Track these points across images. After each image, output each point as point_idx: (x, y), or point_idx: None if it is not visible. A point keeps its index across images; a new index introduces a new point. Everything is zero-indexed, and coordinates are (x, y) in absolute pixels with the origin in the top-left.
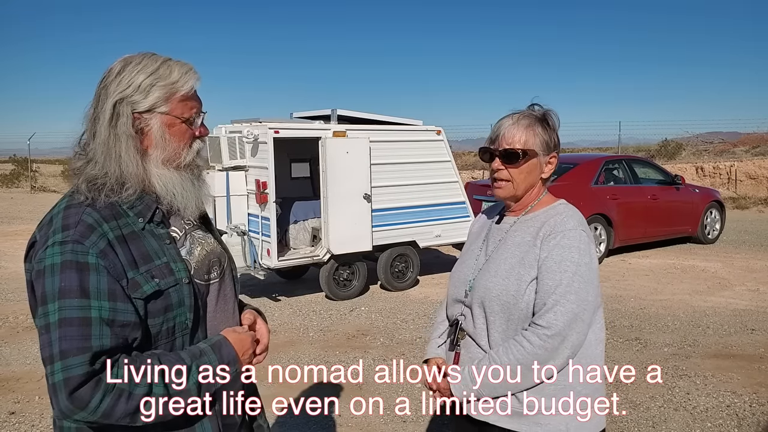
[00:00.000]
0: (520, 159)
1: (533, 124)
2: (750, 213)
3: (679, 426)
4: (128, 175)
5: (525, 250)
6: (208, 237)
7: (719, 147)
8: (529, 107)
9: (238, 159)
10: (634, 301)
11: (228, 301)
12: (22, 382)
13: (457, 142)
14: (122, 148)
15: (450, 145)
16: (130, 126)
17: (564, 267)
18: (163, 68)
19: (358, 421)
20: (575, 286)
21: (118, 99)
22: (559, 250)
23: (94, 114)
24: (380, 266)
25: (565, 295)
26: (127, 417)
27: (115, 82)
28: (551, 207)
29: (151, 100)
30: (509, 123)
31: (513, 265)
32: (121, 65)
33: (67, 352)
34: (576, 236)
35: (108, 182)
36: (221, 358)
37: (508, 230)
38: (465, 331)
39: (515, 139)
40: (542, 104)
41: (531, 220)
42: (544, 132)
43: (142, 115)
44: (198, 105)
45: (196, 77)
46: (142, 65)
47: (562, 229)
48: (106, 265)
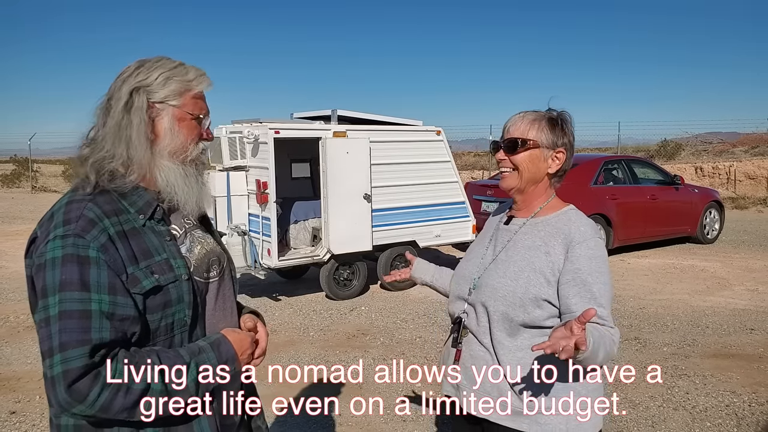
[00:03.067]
0: (519, 147)
1: (540, 118)
2: (749, 213)
3: (679, 425)
4: (135, 159)
5: (535, 254)
6: (207, 237)
7: (718, 147)
8: (546, 110)
9: (239, 159)
10: (634, 301)
11: (227, 300)
12: (23, 382)
13: (457, 142)
14: (133, 131)
15: (450, 145)
16: (143, 112)
17: (596, 278)
18: (179, 68)
19: (358, 421)
20: (608, 295)
21: (135, 87)
22: (587, 261)
23: (107, 104)
24: (380, 266)
25: (606, 306)
26: (124, 412)
27: (133, 75)
28: (562, 212)
29: (166, 92)
30: (516, 117)
31: (522, 268)
32: (139, 63)
33: (66, 345)
34: (597, 245)
35: (114, 165)
36: (220, 356)
37: (517, 231)
38: (468, 328)
39: (518, 131)
40: (557, 109)
41: (541, 224)
42: (549, 127)
43: (155, 105)
44: (207, 108)
45: (209, 82)
46: (159, 63)
47: (584, 238)
48: (107, 259)
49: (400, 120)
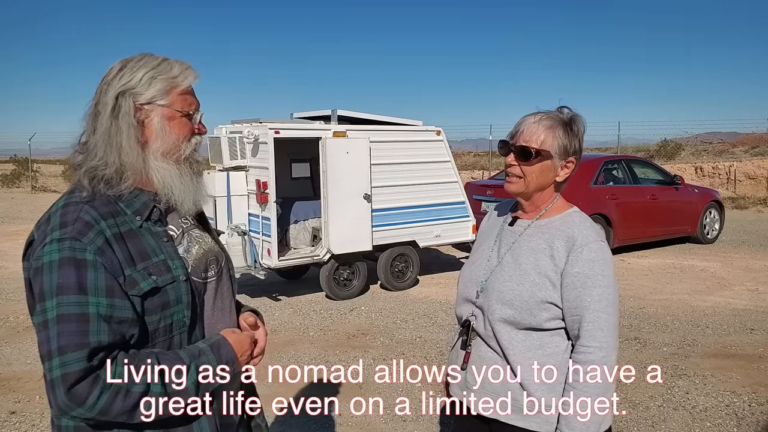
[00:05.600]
0: (533, 158)
1: (555, 126)
2: (749, 213)
3: (679, 425)
4: (128, 165)
5: (540, 257)
6: (205, 236)
7: (718, 147)
8: (557, 109)
9: (239, 159)
10: (634, 301)
11: (225, 299)
12: (22, 382)
13: (457, 142)
14: (123, 138)
15: (450, 145)
16: (131, 116)
17: (597, 281)
18: (163, 64)
19: (358, 421)
20: (611, 298)
21: (120, 91)
22: (589, 264)
23: (94, 110)
24: (380, 266)
25: (606, 309)
26: (124, 414)
27: (117, 77)
28: (566, 214)
29: (152, 92)
30: (532, 121)
31: (527, 271)
32: (122, 64)
33: (65, 348)
34: (599, 248)
35: (107, 173)
36: (220, 358)
37: (521, 233)
38: (476, 331)
39: (533, 138)
40: (571, 107)
41: (545, 226)
42: (564, 136)
43: (143, 107)
44: (196, 102)
45: (195, 74)
46: (143, 62)
47: (586, 242)
48: (104, 262)
49: (400, 120)
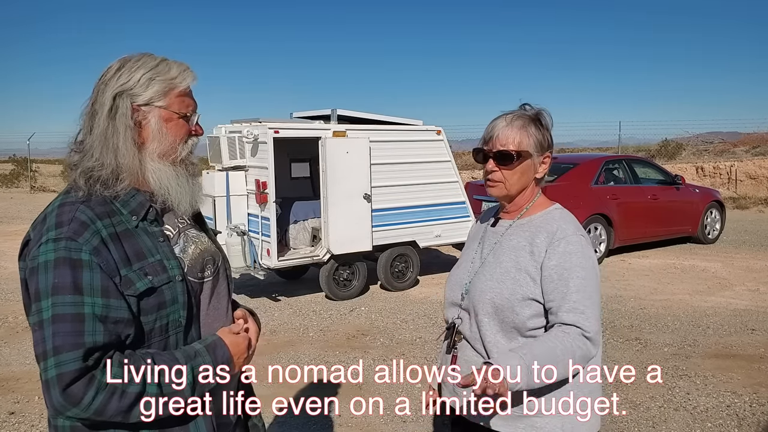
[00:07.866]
0: (515, 160)
1: (527, 124)
2: (750, 213)
3: (679, 426)
4: (124, 166)
5: (520, 254)
6: (201, 236)
7: (719, 147)
8: (520, 107)
9: (238, 159)
10: (634, 301)
11: (222, 299)
12: (21, 383)
13: (457, 142)
14: (120, 139)
15: (450, 145)
16: (128, 118)
17: (574, 273)
18: (162, 65)
19: (358, 421)
20: (589, 289)
21: (117, 92)
22: (566, 256)
23: (92, 109)
24: (380, 266)
25: (583, 301)
26: (119, 415)
27: (114, 77)
28: (547, 212)
29: (150, 93)
30: (503, 124)
31: (508, 269)
32: (120, 63)
33: (60, 348)
34: (578, 241)
35: (104, 174)
36: (216, 359)
37: (503, 233)
38: (462, 333)
39: (509, 141)
40: (532, 104)
41: (526, 225)
42: (537, 132)
43: (140, 108)
44: (194, 104)
45: (193, 76)
46: (141, 62)
47: (564, 235)
48: (100, 262)
49: (400, 120)
